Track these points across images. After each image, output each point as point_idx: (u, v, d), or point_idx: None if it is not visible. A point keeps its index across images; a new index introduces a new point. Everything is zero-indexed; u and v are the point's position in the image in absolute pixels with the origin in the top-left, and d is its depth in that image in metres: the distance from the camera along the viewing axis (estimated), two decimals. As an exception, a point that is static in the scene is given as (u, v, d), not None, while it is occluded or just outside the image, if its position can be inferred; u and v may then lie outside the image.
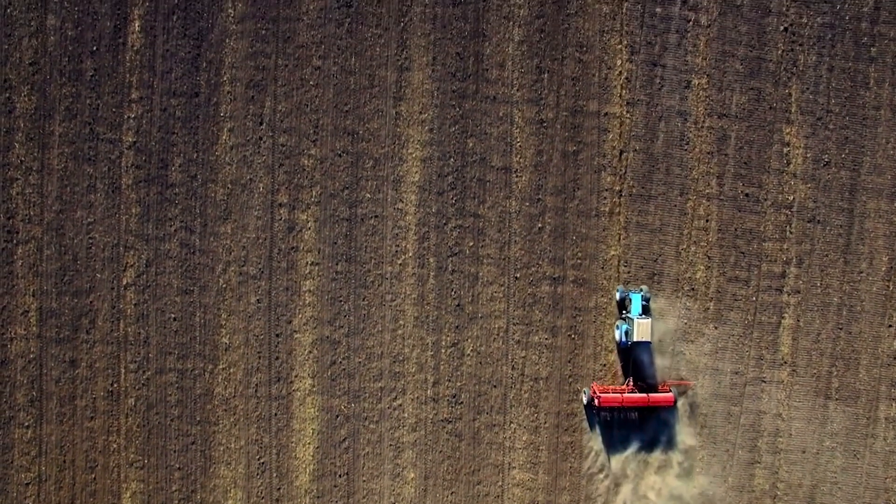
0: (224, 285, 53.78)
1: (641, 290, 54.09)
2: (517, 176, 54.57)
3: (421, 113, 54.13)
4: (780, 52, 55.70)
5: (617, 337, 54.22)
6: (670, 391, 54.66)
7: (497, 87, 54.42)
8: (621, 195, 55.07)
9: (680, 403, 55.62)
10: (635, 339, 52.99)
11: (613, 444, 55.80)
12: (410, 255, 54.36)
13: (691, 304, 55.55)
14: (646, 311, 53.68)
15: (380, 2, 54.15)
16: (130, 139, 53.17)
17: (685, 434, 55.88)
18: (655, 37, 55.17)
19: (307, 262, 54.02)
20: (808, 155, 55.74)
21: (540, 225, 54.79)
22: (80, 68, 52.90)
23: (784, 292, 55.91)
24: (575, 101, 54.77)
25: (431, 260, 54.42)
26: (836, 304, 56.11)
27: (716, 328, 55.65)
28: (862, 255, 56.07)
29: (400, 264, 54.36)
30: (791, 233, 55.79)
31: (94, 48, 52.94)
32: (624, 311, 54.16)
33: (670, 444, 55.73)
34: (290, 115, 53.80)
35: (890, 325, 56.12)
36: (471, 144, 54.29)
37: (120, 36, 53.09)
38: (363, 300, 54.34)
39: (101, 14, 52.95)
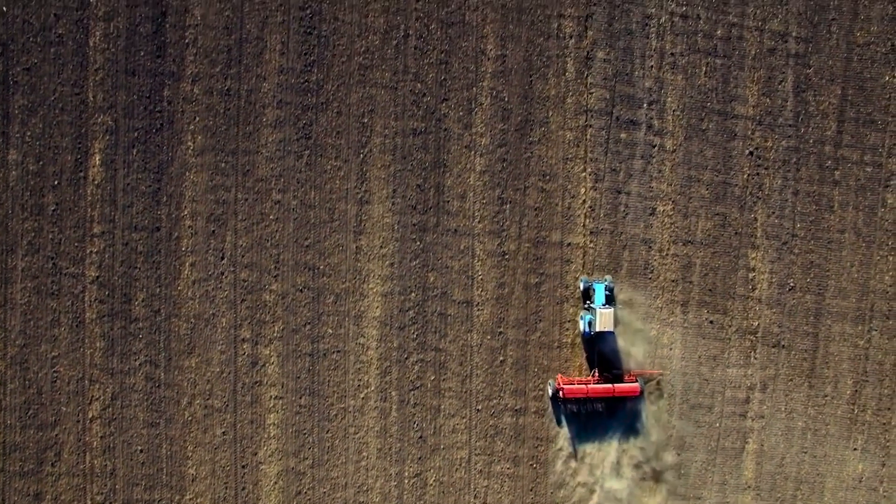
0: (190, 418, 54.19)
1: (605, 280, 53.74)
2: (478, 309, 54.50)
3: (381, 247, 54.00)
4: (745, 176, 55.12)
5: (581, 327, 53.88)
6: (636, 381, 54.23)
7: (458, 219, 54.15)
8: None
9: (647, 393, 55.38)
10: (598, 329, 52.55)
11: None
12: (373, 388, 54.58)
13: (654, 431, 55.62)
14: (609, 300, 53.28)
15: (339, 133, 53.80)
16: (93, 274, 53.31)
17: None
18: (620, 163, 54.65)
19: (271, 396, 54.33)
20: (774, 280, 55.39)
21: (501, 358, 54.82)
22: (42, 203, 52.93)
23: (748, 417, 55.92)
24: (537, 232, 54.47)
25: (393, 393, 54.62)
26: (800, 428, 56.10)
27: (678, 454, 55.77)
28: (827, 379, 55.92)
29: (362, 398, 54.60)
30: (755, 358, 55.65)
31: (56, 183, 52.91)
32: (588, 302, 53.85)
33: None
34: (250, 249, 53.77)
35: (855, 448, 56.15)
36: (432, 278, 54.18)
37: (81, 170, 53.03)
38: (327, 433, 54.69)
39: (62, 148, 52.84)
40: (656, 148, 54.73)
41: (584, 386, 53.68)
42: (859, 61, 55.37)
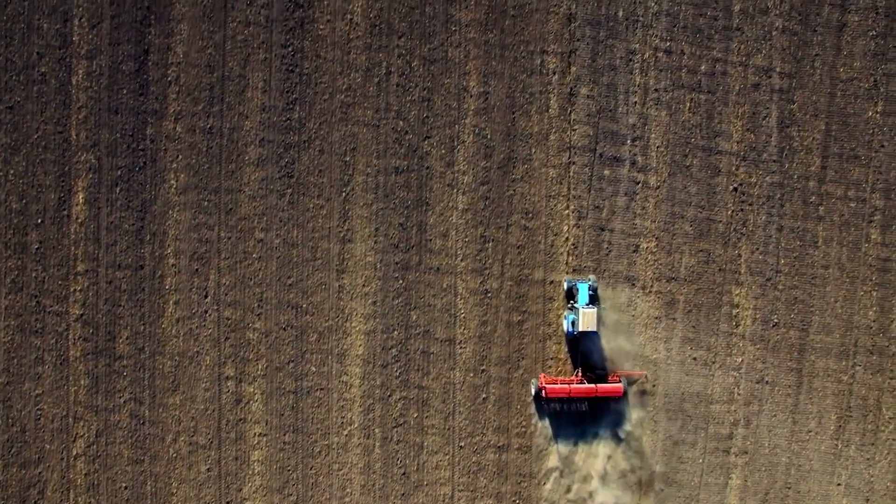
0: (174, 455, 54.34)
1: (589, 280, 53.67)
2: (461, 347, 54.52)
3: (364, 286, 54.02)
4: (729, 212, 55.02)
5: (565, 327, 53.77)
6: (620, 381, 54.05)
7: (441, 257, 54.14)
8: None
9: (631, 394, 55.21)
10: (581, 329, 52.39)
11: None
12: (356, 426, 54.67)
13: (637, 464, 55.69)
14: (593, 300, 53.27)
15: (321, 171, 53.77)
16: (77, 312, 53.41)
17: None
18: (603, 200, 54.57)
19: (255, 433, 54.45)
20: (758, 316, 55.34)
21: (484, 395, 54.88)
22: (26, 241, 53.00)
23: (731, 453, 55.96)
24: (520, 270, 54.46)
25: (377, 431, 54.72)
26: (784, 464, 56.12)
27: (662, 489, 55.85)
28: (811, 415, 55.91)
29: (346, 435, 54.70)
30: (739, 394, 55.65)
31: (39, 221, 52.97)
32: (571, 302, 53.73)
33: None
34: (234, 288, 53.82)
35: (839, 484, 56.16)
36: (414, 317, 54.21)
37: (64, 208, 53.08)
38: (311, 469, 54.83)
39: (46, 186, 52.89)
40: (640, 185, 54.62)
41: (566, 386, 53.50)
42: (843, 97, 55.19)
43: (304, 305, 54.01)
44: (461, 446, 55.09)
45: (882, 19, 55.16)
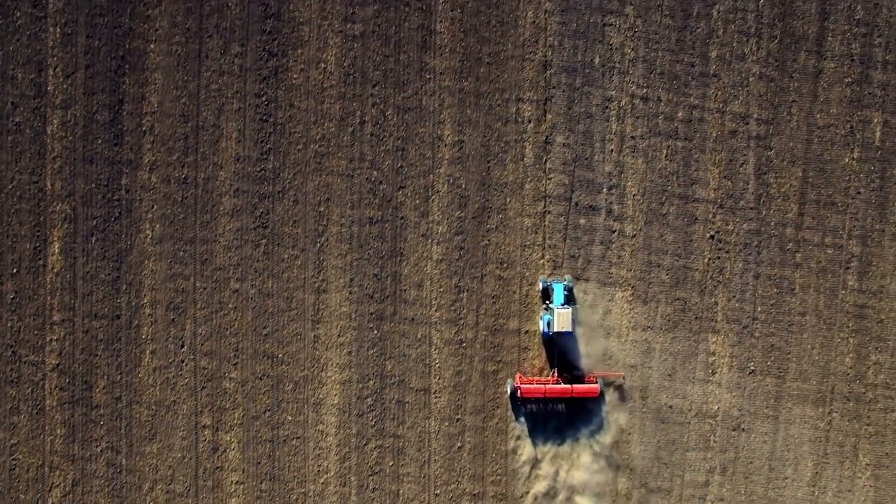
0: (151, 503, 54.58)
1: (565, 280, 53.50)
2: (436, 396, 54.57)
3: (339, 336, 54.05)
4: (706, 260, 54.87)
5: (541, 328, 53.68)
6: (596, 382, 53.84)
7: (415, 307, 54.11)
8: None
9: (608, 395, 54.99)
10: (555, 329, 52.27)
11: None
12: (332, 474, 54.82)
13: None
14: (569, 300, 53.15)
15: (295, 222, 53.72)
16: (53, 361, 53.56)
17: None
18: (579, 249, 54.44)
19: (232, 482, 54.65)
20: (734, 364, 55.27)
21: (459, 444, 54.95)
22: (1, 291, 53.10)
23: (707, 500, 55.98)
24: (495, 320, 54.42)
25: (353, 479, 54.87)
26: (760, 510, 56.33)
27: (639, 537, 56.09)
28: (787, 462, 55.90)
29: (322, 483, 54.86)
30: (715, 441, 55.64)
31: (15, 270, 53.05)
32: (547, 302, 53.62)
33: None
34: (210, 337, 53.89)
35: (815, 529, 56.33)
36: (389, 366, 54.25)
37: (40, 258, 53.15)
38: (287, 517, 55.18)
39: (21, 236, 52.95)
40: (616, 233, 54.48)
41: (541, 386, 53.30)
42: (819, 143, 54.91)
43: (280, 355, 54.10)
44: (437, 494, 55.23)
45: (857, 66, 54.84)
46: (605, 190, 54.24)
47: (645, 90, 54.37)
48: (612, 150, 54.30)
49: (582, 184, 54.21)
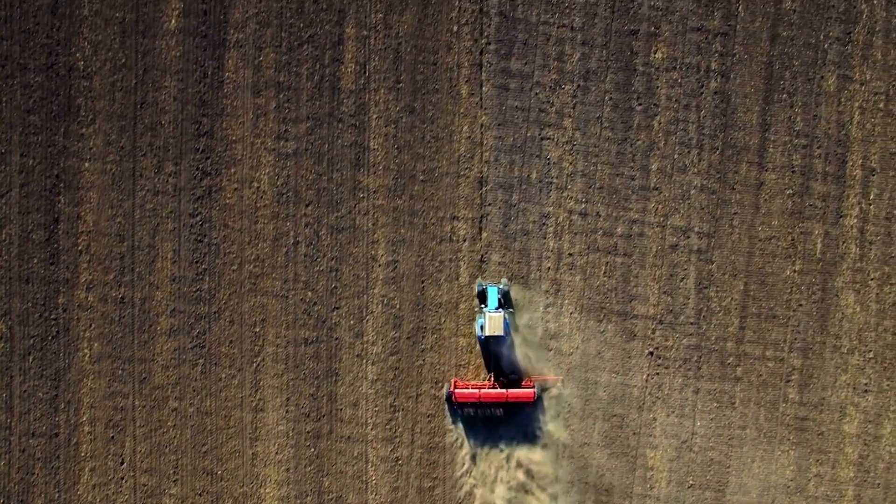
0: None
1: (500, 283, 53.16)
2: (374, 514, 55.09)
3: (277, 453, 54.34)
4: (644, 376, 54.55)
5: (476, 331, 53.52)
6: (533, 387, 53.59)
7: (351, 426, 54.25)
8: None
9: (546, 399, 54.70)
10: (487, 333, 51.61)
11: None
12: (272, 588, 55.64)
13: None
14: (503, 304, 52.67)
15: (232, 342, 53.79)
16: (-3, 477, 54.34)
17: None
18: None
19: None
20: (672, 478, 55.16)
21: (398, 560, 55.55)
22: (-56, 408, 53.74)
23: None
24: (430, 438, 54.48)
25: (293, 593, 55.66)
26: None
27: None
28: (726, 572, 56.12)
29: None
30: (653, 553, 55.87)
31: (-44, 388, 53.64)
32: (482, 305, 53.24)
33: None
34: (149, 455, 54.34)
35: None
36: (327, 483, 54.54)
37: (-21, 376, 53.67)
38: None
39: (-39, 354, 53.45)
40: (552, 352, 54.17)
41: (476, 391, 53.16)
42: (761, 256, 54.20)
43: (219, 472, 54.53)
44: None
45: (798, 178, 53.90)
46: (541, 308, 53.87)
47: (583, 205, 53.74)
48: (549, 268, 53.84)
49: (518, 303, 53.84)
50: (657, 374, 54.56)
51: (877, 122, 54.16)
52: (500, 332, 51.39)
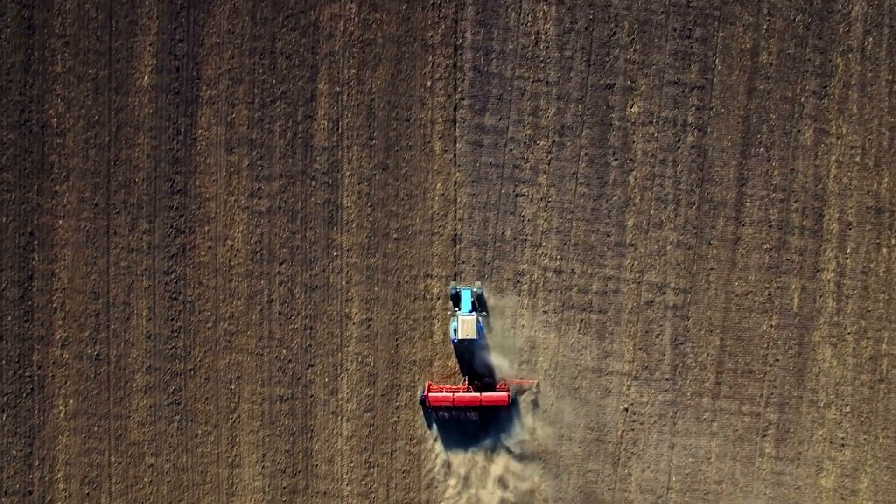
0: None
1: (473, 287, 52.86)
2: (349, 569, 55.29)
3: (252, 510, 54.71)
4: (619, 433, 54.45)
5: (451, 334, 53.37)
6: (508, 390, 53.41)
7: (327, 482, 54.36)
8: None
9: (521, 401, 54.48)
10: (461, 337, 51.45)
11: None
12: None
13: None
14: (476, 307, 52.43)
15: (208, 399, 53.87)
16: (-25, 531, 54.70)
17: None
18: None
19: None
20: (648, 532, 55.33)
21: None
22: (-77, 463, 54.02)
23: None
24: (405, 494, 54.56)
25: None
26: None
27: None
28: None
29: None
30: None
31: (-66, 444, 53.90)
32: (456, 308, 53.01)
33: None
34: (125, 510, 54.74)
35: None
36: (303, 539, 54.92)
37: (-43, 432, 53.90)
38: None
39: (-62, 411, 53.67)
40: (526, 403, 54.14)
41: (450, 394, 52.93)
42: (738, 311, 53.96)
43: (195, 528, 54.91)
44: None
45: (775, 232, 53.58)
46: (515, 366, 53.78)
47: (558, 262, 53.52)
48: (523, 326, 53.69)
49: (493, 362, 53.80)
50: (632, 429, 54.48)
51: (853, 175, 53.79)
52: (473, 335, 51.09)
